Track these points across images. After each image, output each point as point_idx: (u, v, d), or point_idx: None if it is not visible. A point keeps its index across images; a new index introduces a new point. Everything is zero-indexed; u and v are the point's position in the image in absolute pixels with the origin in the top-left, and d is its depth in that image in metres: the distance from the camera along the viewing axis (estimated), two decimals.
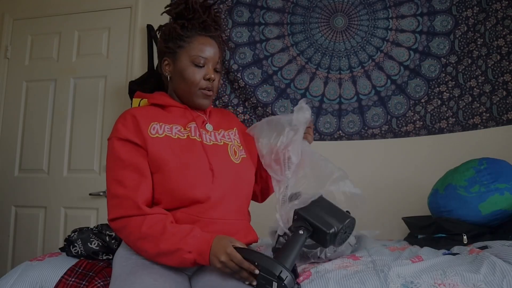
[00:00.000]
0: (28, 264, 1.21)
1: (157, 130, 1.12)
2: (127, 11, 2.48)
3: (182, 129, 1.16)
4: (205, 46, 1.17)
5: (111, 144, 1.11)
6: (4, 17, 2.63)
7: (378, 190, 2.09)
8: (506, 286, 0.92)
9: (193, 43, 1.17)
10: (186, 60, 1.16)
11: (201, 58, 1.16)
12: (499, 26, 2.05)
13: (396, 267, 1.05)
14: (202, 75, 1.16)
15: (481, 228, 1.47)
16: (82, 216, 2.34)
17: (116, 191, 1.05)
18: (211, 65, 1.18)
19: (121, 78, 2.40)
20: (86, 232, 1.30)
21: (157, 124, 1.13)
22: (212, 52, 1.18)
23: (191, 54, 1.16)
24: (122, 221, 1.03)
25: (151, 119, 1.13)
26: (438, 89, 2.10)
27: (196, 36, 1.18)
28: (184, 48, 1.17)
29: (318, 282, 1.02)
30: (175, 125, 1.16)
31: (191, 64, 1.16)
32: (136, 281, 0.95)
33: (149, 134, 1.10)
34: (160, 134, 1.11)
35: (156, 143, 1.09)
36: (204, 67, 1.16)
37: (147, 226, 0.99)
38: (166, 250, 0.97)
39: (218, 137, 1.21)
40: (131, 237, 1.02)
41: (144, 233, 0.99)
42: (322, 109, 2.21)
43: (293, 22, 2.30)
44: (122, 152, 1.08)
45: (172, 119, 1.17)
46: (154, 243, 0.98)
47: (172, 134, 1.13)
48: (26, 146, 2.52)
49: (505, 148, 1.93)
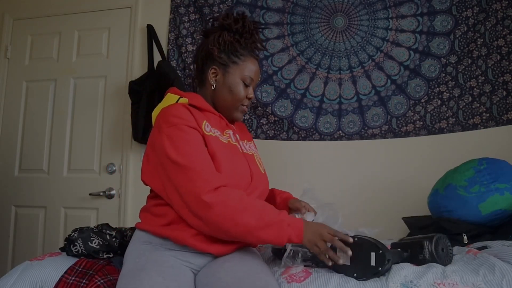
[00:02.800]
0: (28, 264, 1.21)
1: (210, 128, 1.17)
2: (127, 11, 2.48)
3: (221, 134, 1.22)
4: (255, 67, 1.27)
5: (179, 129, 1.10)
6: (4, 17, 2.63)
7: (378, 190, 2.09)
8: (506, 286, 0.92)
9: (247, 62, 1.25)
10: (237, 77, 1.24)
11: (250, 79, 1.25)
12: (499, 26, 2.05)
13: (395, 266, 1.05)
14: (247, 93, 1.26)
15: (481, 228, 1.47)
16: (82, 216, 2.34)
17: (203, 167, 1.05)
18: (254, 85, 1.29)
19: (121, 78, 2.41)
20: (87, 231, 1.31)
21: (208, 123, 1.18)
22: (258, 74, 1.29)
23: (244, 74, 1.24)
24: (220, 193, 1.02)
25: (201, 117, 1.17)
26: (438, 89, 2.11)
27: (250, 57, 1.26)
28: (238, 65, 1.24)
29: (318, 282, 1.02)
30: (216, 129, 1.21)
31: (241, 82, 1.24)
32: (145, 277, 0.97)
33: (204, 130, 1.14)
34: (213, 133, 1.16)
35: (211, 141, 1.14)
36: (249, 87, 1.26)
37: (247, 199, 1.04)
38: (269, 221, 1.01)
39: (246, 146, 1.29)
40: (229, 210, 1.01)
41: (246, 204, 1.02)
42: (322, 109, 2.21)
43: (293, 22, 2.30)
44: (197, 139, 1.11)
45: (212, 123, 1.21)
46: (258, 214, 1.01)
47: (218, 136, 1.19)
48: (26, 146, 2.52)
49: (505, 148, 1.93)
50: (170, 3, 2.42)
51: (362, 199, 2.10)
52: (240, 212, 1.01)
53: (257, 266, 1.08)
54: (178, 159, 1.05)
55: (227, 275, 1.01)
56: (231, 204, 1.01)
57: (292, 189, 1.49)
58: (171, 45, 2.37)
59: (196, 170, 1.04)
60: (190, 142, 1.08)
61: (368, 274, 0.99)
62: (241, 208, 1.01)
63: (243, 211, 1.01)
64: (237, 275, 1.01)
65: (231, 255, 1.13)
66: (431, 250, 1.05)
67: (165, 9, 2.42)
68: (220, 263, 1.09)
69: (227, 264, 1.07)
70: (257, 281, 0.98)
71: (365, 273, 0.99)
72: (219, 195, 1.02)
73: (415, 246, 1.08)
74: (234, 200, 1.02)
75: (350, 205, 2.10)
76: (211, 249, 1.10)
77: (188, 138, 1.09)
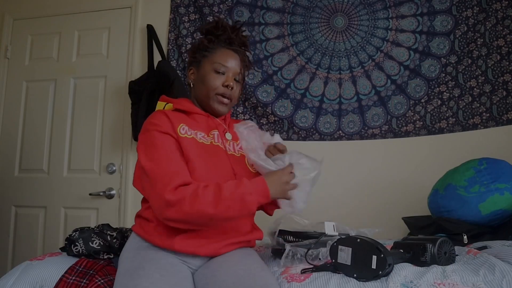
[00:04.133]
0: (28, 264, 1.21)
1: (186, 131, 1.18)
2: (127, 11, 2.48)
3: (206, 135, 1.22)
4: (227, 56, 1.26)
5: (151, 135, 1.15)
6: (4, 17, 2.63)
7: (378, 190, 2.09)
8: (506, 286, 0.92)
9: (216, 52, 1.26)
10: (208, 67, 1.24)
11: (222, 66, 1.24)
12: (499, 26, 2.05)
13: (396, 266, 1.05)
14: (222, 81, 1.24)
15: (481, 228, 1.47)
16: (82, 216, 2.34)
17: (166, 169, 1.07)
18: (231, 74, 1.25)
19: (121, 78, 2.41)
20: (87, 231, 1.31)
21: (185, 126, 1.19)
22: (233, 63, 1.26)
23: (213, 61, 1.24)
24: (179, 191, 1.03)
25: (179, 121, 1.20)
26: (438, 89, 2.11)
27: (220, 48, 1.27)
28: (208, 57, 1.26)
29: (318, 282, 1.02)
30: (199, 131, 1.22)
31: (213, 71, 1.24)
32: (144, 275, 0.97)
33: (179, 133, 1.16)
34: (188, 135, 1.18)
35: (185, 142, 1.15)
36: (224, 75, 1.24)
37: (203, 189, 1.04)
38: (228, 201, 1.02)
39: (236, 148, 1.27)
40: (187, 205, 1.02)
41: (203, 193, 1.03)
42: (322, 109, 2.21)
43: (293, 22, 2.30)
44: (166, 143, 1.13)
45: (196, 125, 1.23)
46: (216, 199, 1.02)
47: (197, 138, 1.19)
48: (26, 146, 2.52)
49: (505, 148, 1.93)
50: (170, 3, 2.42)
51: (362, 199, 2.10)
52: (198, 204, 1.01)
53: (257, 265, 1.08)
54: (145, 164, 1.10)
55: (227, 275, 1.01)
56: (188, 199, 1.02)
57: None
58: (171, 45, 2.37)
59: (157, 173, 1.07)
60: (158, 146, 1.12)
61: (368, 276, 0.99)
62: (198, 200, 1.02)
63: (200, 202, 1.01)
64: (237, 274, 1.00)
65: (230, 254, 1.13)
66: (434, 253, 1.05)
67: (165, 9, 2.42)
68: (219, 262, 1.09)
69: (226, 264, 1.07)
70: (257, 280, 0.98)
71: (365, 275, 1.00)
72: (178, 193, 1.03)
73: (418, 248, 1.08)
74: (191, 194, 1.03)
75: (350, 205, 2.10)
76: (201, 251, 1.11)
77: (156, 142, 1.13)
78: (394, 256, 1.03)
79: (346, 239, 1.07)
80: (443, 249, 1.07)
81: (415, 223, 1.68)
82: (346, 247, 1.05)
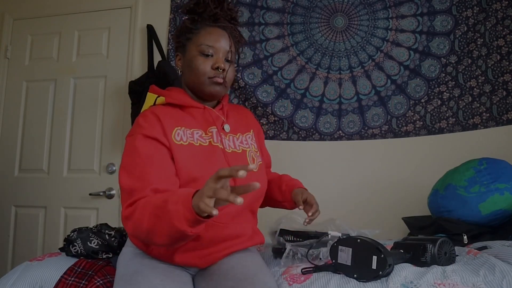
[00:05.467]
0: (28, 264, 1.21)
1: (181, 136, 1.08)
2: (127, 11, 2.48)
3: (204, 134, 1.13)
4: (213, 35, 1.13)
5: (132, 141, 1.05)
6: (4, 17, 2.63)
7: (378, 190, 2.09)
8: (506, 286, 0.92)
9: (200, 33, 1.14)
10: (194, 50, 1.13)
11: (208, 47, 1.12)
12: (499, 26, 2.05)
13: (396, 267, 1.05)
14: (211, 64, 1.12)
15: (481, 228, 1.47)
16: (82, 216, 2.34)
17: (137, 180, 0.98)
18: (221, 54, 1.13)
19: (121, 78, 2.40)
20: (86, 231, 1.31)
21: (181, 130, 1.09)
22: (221, 41, 1.13)
23: (198, 44, 1.13)
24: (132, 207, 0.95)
25: (174, 123, 1.10)
26: (438, 89, 2.10)
27: (204, 27, 1.15)
28: (192, 40, 1.14)
29: (318, 282, 1.02)
30: (196, 130, 1.13)
31: (199, 54, 1.12)
32: (143, 280, 0.95)
33: (174, 140, 1.06)
34: (184, 142, 1.08)
35: (182, 151, 1.06)
36: (213, 57, 1.13)
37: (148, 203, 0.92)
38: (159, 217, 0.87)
39: (237, 142, 1.19)
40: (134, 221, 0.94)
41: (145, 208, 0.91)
42: (322, 109, 2.21)
43: (293, 22, 2.30)
44: (146, 150, 1.02)
45: (193, 122, 1.14)
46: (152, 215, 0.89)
47: (194, 141, 1.10)
48: (26, 146, 2.52)
49: (505, 148, 1.93)
50: (170, 3, 2.42)
51: (362, 199, 2.10)
52: (141, 221, 0.91)
53: (256, 267, 1.07)
54: (120, 171, 1.03)
55: (226, 278, 1.00)
56: (135, 215, 0.93)
57: None
58: (171, 45, 2.36)
59: (125, 184, 0.99)
60: (136, 154, 1.02)
61: (369, 277, 0.99)
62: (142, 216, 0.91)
63: (143, 218, 0.91)
64: (236, 278, 0.99)
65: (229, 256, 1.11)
66: (434, 253, 1.05)
67: (165, 9, 2.42)
68: (217, 265, 1.07)
69: (225, 267, 1.05)
70: (256, 283, 0.97)
71: (366, 275, 1.00)
72: (131, 209, 0.95)
73: (418, 248, 1.08)
74: (139, 210, 0.93)
75: (350, 205, 2.10)
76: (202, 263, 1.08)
77: (136, 149, 1.03)
78: (394, 256, 1.03)
79: (346, 240, 1.07)
80: (443, 249, 1.07)
81: (415, 223, 1.68)
82: (346, 248, 1.04)
